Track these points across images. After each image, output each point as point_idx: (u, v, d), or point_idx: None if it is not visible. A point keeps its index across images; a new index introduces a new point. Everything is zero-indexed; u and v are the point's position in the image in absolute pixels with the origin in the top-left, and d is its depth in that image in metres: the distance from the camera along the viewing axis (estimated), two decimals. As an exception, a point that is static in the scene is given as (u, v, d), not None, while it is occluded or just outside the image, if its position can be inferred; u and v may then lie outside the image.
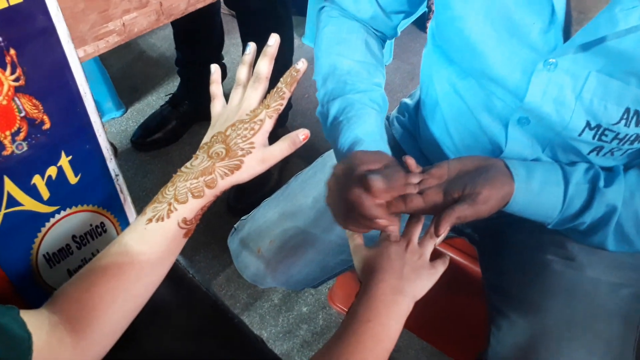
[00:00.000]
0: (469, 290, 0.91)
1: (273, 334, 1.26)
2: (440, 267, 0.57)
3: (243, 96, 0.53)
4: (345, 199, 0.51)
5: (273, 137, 0.50)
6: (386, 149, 0.63)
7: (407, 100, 0.89)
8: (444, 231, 0.51)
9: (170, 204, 0.49)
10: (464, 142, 0.70)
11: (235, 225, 0.89)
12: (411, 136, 0.84)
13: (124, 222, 0.68)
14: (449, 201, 0.53)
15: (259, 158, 0.49)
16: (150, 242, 0.49)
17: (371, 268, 0.55)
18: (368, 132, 0.63)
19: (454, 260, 0.90)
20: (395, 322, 0.51)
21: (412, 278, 0.54)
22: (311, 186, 0.83)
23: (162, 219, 0.49)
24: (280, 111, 0.51)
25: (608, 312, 0.63)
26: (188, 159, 0.52)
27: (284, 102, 0.51)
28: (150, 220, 0.49)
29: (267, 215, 0.84)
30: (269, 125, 0.50)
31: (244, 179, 0.50)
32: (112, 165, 0.62)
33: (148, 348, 0.59)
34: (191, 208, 0.49)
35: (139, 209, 0.69)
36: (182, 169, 0.51)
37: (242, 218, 0.89)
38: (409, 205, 0.53)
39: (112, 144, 0.61)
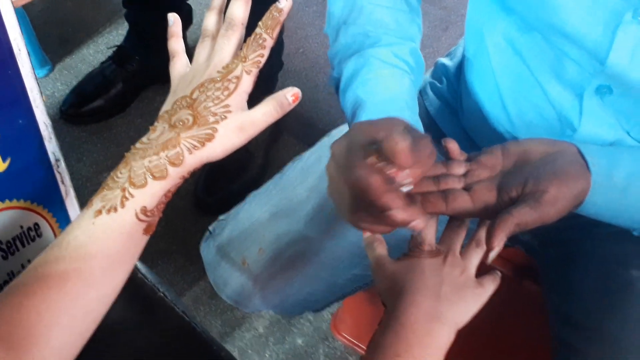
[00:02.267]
0: (526, 316, 0.92)
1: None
2: (490, 286, 0.58)
3: (213, 49, 0.55)
4: (350, 184, 0.51)
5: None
6: (416, 121, 0.64)
7: (445, 61, 0.89)
8: (500, 243, 0.51)
9: (124, 190, 0.50)
10: (523, 117, 0.71)
11: (210, 228, 0.91)
12: (451, 110, 0.84)
13: (65, 223, 0.70)
14: (505, 201, 0.53)
15: (237, 125, 0.51)
16: (100, 241, 0.50)
17: (399, 287, 0.56)
18: (388, 99, 0.64)
19: (505, 277, 0.89)
20: (432, 358, 0.52)
21: (453, 300, 0.55)
22: (314, 177, 0.84)
23: (115, 210, 0.50)
24: (260, 65, 0.52)
25: None
26: (138, 136, 0.53)
27: (265, 53, 0.52)
28: (99, 212, 0.50)
29: (254, 215, 0.85)
30: (247, 83, 0.52)
31: (217, 154, 0.51)
32: (51, 146, 0.64)
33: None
34: (152, 193, 0.51)
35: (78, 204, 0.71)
36: (137, 145, 0.52)
37: (220, 217, 0.90)
38: (452, 205, 0.54)
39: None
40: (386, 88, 0.66)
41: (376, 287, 0.60)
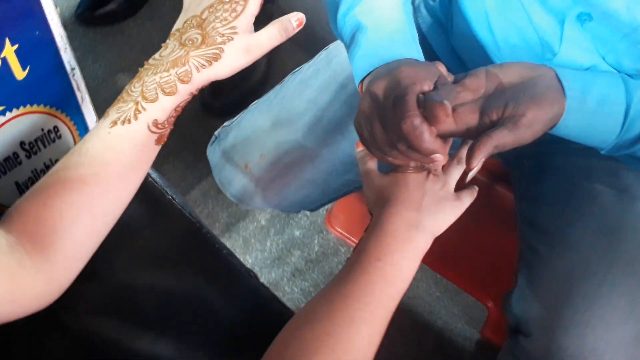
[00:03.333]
0: (498, 221, 0.95)
1: (259, 260, 1.33)
2: (467, 199, 0.59)
3: None
4: (393, 128, 0.52)
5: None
6: (416, 50, 0.63)
7: (439, -22, 0.85)
8: (478, 163, 0.52)
9: (137, 103, 0.50)
10: (508, 40, 0.70)
11: (216, 133, 0.91)
12: (443, 29, 0.83)
13: (82, 126, 0.71)
14: (486, 123, 0.53)
15: (243, 47, 0.51)
16: (116, 150, 0.51)
17: (384, 198, 0.57)
18: (395, 29, 0.62)
19: (482, 184, 0.88)
20: (410, 262, 0.54)
21: (432, 211, 0.56)
22: (312, 89, 0.84)
23: (129, 121, 0.50)
24: None
25: None
26: (149, 38, 0.53)
27: None
28: (114, 123, 0.51)
29: (256, 123, 0.86)
30: (254, 6, 0.51)
31: (224, 73, 0.51)
32: (67, 56, 0.63)
33: (116, 278, 0.63)
34: (163, 107, 0.51)
35: (94, 105, 0.70)
36: (150, 60, 0.52)
37: (224, 124, 0.91)
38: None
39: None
40: (391, 18, 0.63)
41: (364, 197, 0.61)
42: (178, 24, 0.53)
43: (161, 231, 0.65)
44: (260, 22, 0.53)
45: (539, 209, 0.77)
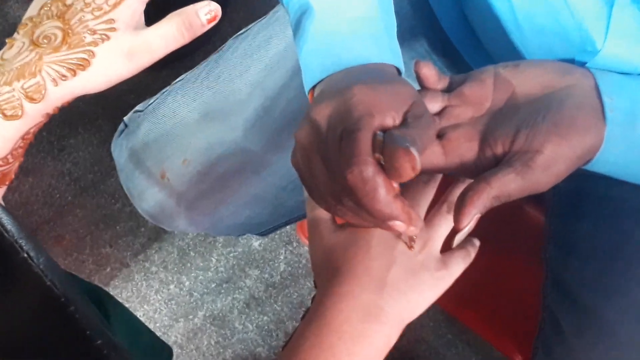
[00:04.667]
0: (528, 250, 0.89)
1: (200, 283, 1.22)
2: (457, 266, 0.54)
3: None
4: (337, 176, 0.47)
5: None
6: (391, 48, 0.56)
7: None
8: (469, 222, 0.47)
9: None
10: (534, 19, 0.62)
11: (125, 119, 0.81)
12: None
13: None
14: (487, 158, 0.49)
15: (123, 49, 0.46)
16: None
17: (334, 267, 0.51)
18: (357, 16, 0.56)
19: (507, 203, 0.95)
20: None
21: (402, 289, 0.51)
22: (259, 67, 0.76)
23: None
24: None
25: None
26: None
27: None
28: None
29: (179, 113, 0.76)
30: None
31: (95, 86, 0.46)
32: None
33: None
34: (4, 137, 0.46)
35: None
36: None
37: (136, 108, 0.80)
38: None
39: None
40: None
41: (310, 257, 0.56)
42: (32, 9, 0.47)
43: (12, 301, 0.56)
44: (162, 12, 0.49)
45: (570, 261, 0.70)
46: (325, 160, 0.48)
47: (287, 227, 1.21)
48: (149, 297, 1.22)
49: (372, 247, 0.51)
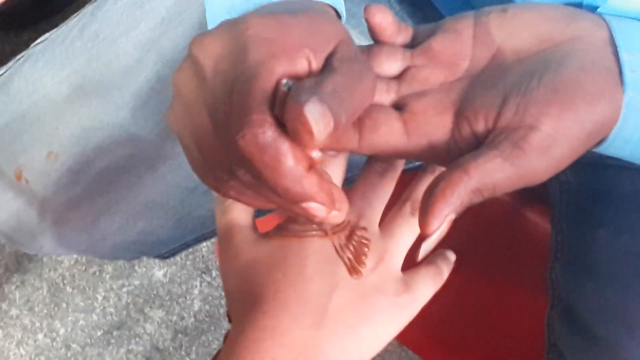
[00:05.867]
0: (530, 273, 0.83)
1: (81, 332, 1.09)
2: (425, 288, 0.50)
3: None
4: (227, 138, 0.44)
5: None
6: None
7: None
8: (439, 225, 0.43)
9: None
10: None
11: None
12: None
13: None
14: (464, 138, 0.45)
15: None
16: None
17: (255, 292, 0.48)
18: None
19: (503, 207, 0.84)
20: None
21: (348, 322, 0.47)
22: (152, 22, 0.69)
23: None
24: None
25: None
26: None
27: None
28: None
29: (39, 87, 0.69)
30: None
31: None
32: None
33: None
34: None
35: None
36: None
37: None
38: (369, 137, 0.47)
39: None
40: None
41: (222, 281, 0.51)
42: None
43: None
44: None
45: (584, 284, 0.66)
46: (212, 117, 0.43)
47: (203, 247, 1.15)
48: (8, 352, 1.08)
49: (308, 265, 0.47)
